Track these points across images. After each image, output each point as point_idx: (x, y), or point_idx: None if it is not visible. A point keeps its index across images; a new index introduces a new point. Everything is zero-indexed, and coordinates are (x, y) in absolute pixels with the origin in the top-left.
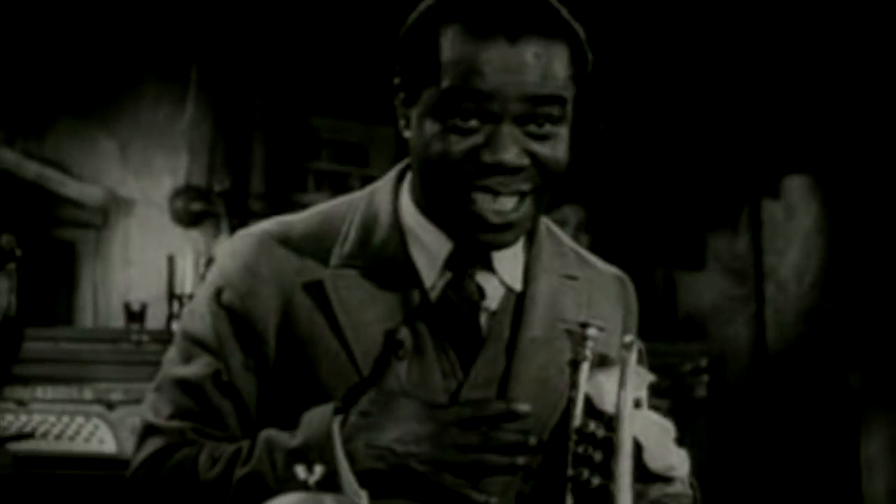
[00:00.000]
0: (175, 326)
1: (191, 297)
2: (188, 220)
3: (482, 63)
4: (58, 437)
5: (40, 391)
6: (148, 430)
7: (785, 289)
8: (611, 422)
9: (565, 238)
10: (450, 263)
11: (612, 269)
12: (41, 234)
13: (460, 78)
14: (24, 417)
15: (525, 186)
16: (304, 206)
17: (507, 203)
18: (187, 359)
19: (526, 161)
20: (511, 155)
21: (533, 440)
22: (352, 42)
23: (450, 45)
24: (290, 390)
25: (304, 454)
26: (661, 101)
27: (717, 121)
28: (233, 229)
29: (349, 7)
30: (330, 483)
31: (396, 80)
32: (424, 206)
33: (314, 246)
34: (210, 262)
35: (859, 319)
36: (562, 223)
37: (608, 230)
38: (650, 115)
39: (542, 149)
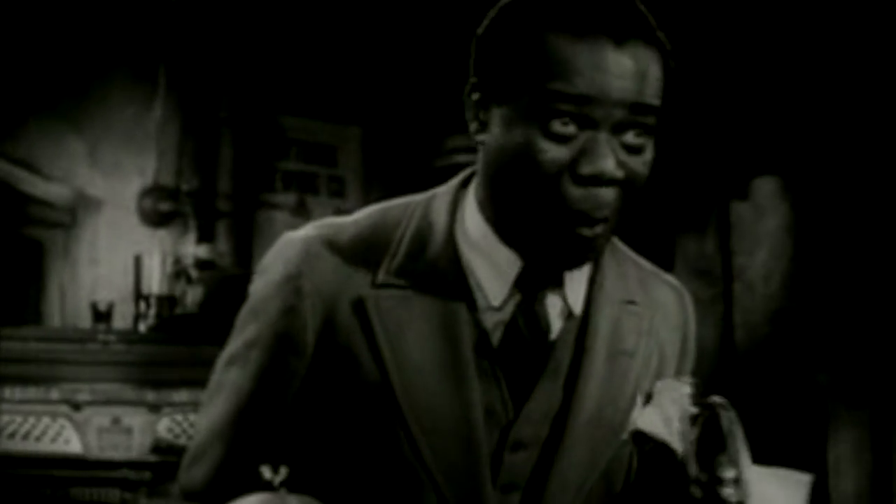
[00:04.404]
0: (142, 326)
1: (158, 297)
2: (156, 219)
3: (586, 65)
4: (24, 437)
5: (7, 391)
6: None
7: (753, 290)
8: None
9: (625, 251)
10: (519, 282)
11: (670, 282)
12: (9, 234)
13: (563, 79)
14: None
15: (614, 202)
16: (272, 206)
17: (593, 231)
18: (229, 364)
19: (621, 174)
20: (609, 165)
21: None
22: (320, 41)
23: (551, 44)
24: (324, 404)
25: None
26: None
27: (686, 122)
28: (200, 229)
29: (317, 6)
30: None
31: (474, 80)
32: (495, 219)
33: (362, 255)
34: (177, 261)
35: (827, 320)
36: None
37: None
38: None
39: (633, 161)
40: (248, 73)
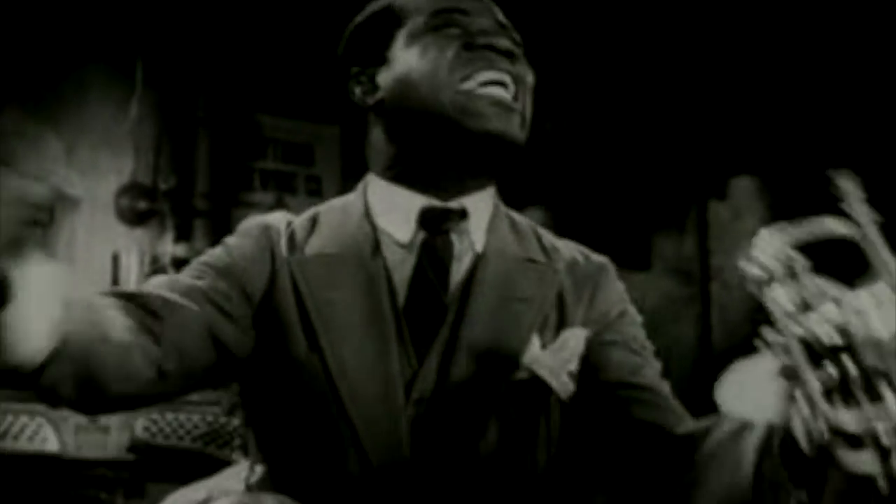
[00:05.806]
0: None
1: None
2: (133, 218)
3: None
4: (2, 436)
5: None
6: None
7: (731, 289)
8: None
9: (527, 224)
10: (424, 222)
11: (589, 256)
12: None
13: (439, 4)
14: None
15: (521, 67)
16: (249, 206)
17: (508, 93)
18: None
19: (517, 50)
20: (503, 40)
21: None
22: (297, 40)
23: None
24: (261, 366)
25: None
26: (609, 101)
27: (665, 122)
28: (178, 228)
29: (294, 5)
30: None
31: (356, 68)
32: (400, 157)
33: (300, 236)
34: (155, 260)
35: None
36: None
37: (553, 230)
38: (598, 115)
39: (519, 63)
40: (226, 72)
